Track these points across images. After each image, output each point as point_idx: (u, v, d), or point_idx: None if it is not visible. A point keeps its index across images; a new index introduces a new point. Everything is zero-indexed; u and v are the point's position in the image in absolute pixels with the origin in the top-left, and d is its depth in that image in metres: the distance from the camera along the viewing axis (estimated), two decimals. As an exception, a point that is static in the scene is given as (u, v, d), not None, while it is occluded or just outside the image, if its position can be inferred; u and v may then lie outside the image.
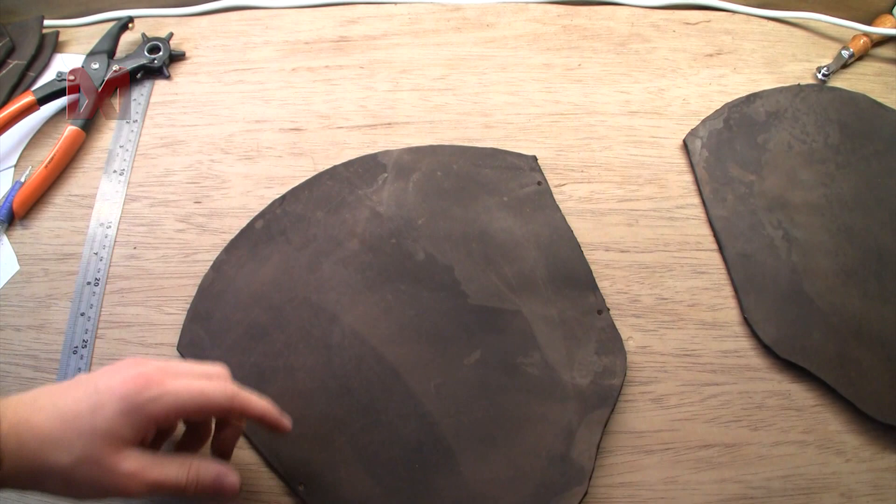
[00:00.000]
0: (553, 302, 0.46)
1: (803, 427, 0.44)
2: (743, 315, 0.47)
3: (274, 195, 0.50)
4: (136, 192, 0.51)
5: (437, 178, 0.50)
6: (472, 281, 0.46)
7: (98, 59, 0.55)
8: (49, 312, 0.47)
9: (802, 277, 0.48)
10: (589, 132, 0.54)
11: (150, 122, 0.55)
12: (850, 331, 0.46)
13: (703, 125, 0.54)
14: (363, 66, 0.58)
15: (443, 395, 0.43)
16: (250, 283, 0.46)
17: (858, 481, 0.42)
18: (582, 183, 0.52)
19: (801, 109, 0.55)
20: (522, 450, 0.41)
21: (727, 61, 0.59)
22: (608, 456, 0.43)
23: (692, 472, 0.42)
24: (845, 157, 0.53)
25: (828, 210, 0.51)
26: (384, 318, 0.45)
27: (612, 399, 0.42)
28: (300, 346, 0.44)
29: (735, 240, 0.49)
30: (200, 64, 0.58)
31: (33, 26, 0.58)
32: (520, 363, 0.44)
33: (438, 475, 0.41)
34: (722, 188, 0.51)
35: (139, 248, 0.49)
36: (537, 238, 0.48)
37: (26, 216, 0.50)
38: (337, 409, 0.42)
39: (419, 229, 0.48)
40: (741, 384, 0.45)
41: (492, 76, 0.57)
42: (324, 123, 0.54)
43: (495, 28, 0.60)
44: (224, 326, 0.45)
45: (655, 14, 0.62)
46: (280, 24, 0.60)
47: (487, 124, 0.54)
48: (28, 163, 0.53)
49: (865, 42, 0.59)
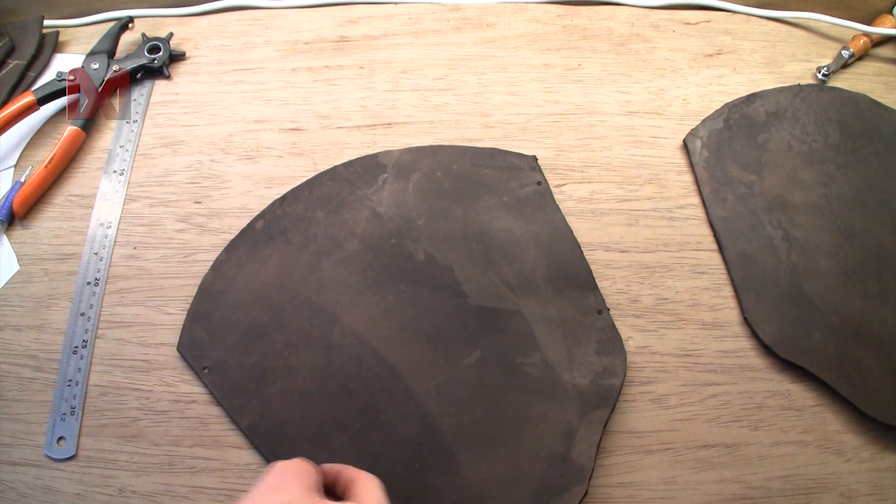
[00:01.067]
0: (553, 302, 0.46)
1: (803, 427, 0.44)
2: (743, 315, 0.47)
3: (274, 195, 0.50)
4: (136, 192, 0.51)
5: (437, 178, 0.50)
6: (472, 281, 0.46)
7: (98, 59, 0.55)
8: (49, 312, 0.47)
9: (802, 277, 0.48)
10: (589, 132, 0.54)
11: (150, 122, 0.55)
12: (850, 331, 0.46)
13: (703, 125, 0.54)
14: (363, 66, 0.58)
15: (443, 395, 0.43)
16: (250, 283, 0.46)
17: (858, 481, 0.42)
18: (582, 183, 0.52)
19: (801, 109, 0.55)
20: (522, 450, 0.41)
21: (727, 61, 0.59)
22: (608, 456, 0.43)
23: (692, 472, 0.42)
24: (845, 157, 0.53)
25: (828, 210, 0.51)
26: (384, 319, 0.45)
27: (612, 399, 0.42)
28: (300, 346, 0.44)
29: (735, 240, 0.49)
30: (200, 64, 0.58)
31: (33, 26, 0.58)
32: (520, 363, 0.44)
33: (438, 475, 0.41)
34: (722, 188, 0.51)
35: (139, 248, 0.49)
36: (537, 238, 0.48)
37: (26, 216, 0.50)
38: (337, 409, 0.42)
39: (419, 229, 0.48)
40: (741, 384, 0.45)
41: (492, 76, 0.57)
42: (324, 123, 0.54)
43: (495, 28, 0.60)
44: (224, 326, 0.45)
45: (655, 14, 0.62)
46: (280, 24, 0.60)
47: (487, 124, 0.54)
48: (28, 163, 0.53)
49: (865, 42, 0.59)
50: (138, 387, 0.44)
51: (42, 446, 0.43)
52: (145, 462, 0.42)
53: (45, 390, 0.44)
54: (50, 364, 0.45)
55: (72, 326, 0.46)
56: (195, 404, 0.44)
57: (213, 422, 0.43)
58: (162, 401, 0.44)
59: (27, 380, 0.45)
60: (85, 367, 0.45)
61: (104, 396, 0.44)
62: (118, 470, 0.42)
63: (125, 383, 0.45)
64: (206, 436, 0.43)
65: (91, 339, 0.46)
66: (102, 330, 0.46)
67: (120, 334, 0.46)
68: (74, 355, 0.45)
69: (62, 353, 0.45)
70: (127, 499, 0.41)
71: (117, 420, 0.43)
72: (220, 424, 0.43)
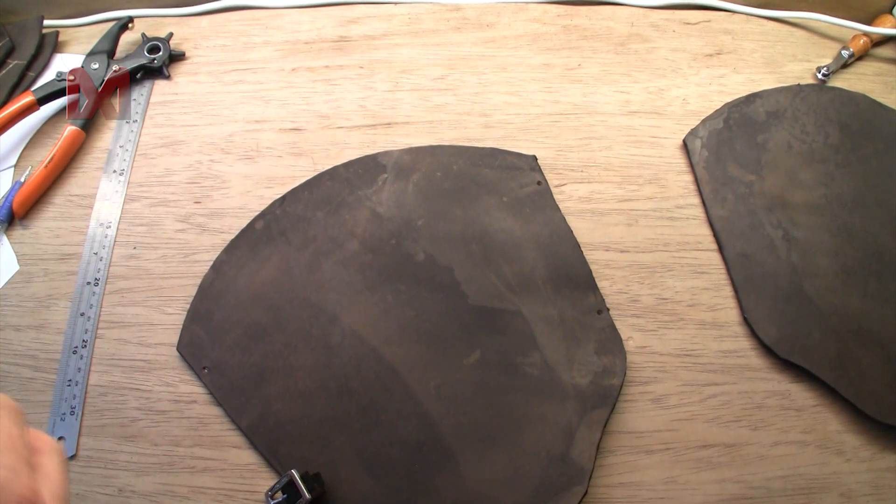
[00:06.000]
0: (553, 302, 0.46)
1: (803, 427, 0.44)
2: (743, 315, 0.47)
3: (274, 195, 0.50)
4: (135, 192, 0.51)
5: (437, 178, 0.50)
6: (472, 281, 0.46)
7: (98, 59, 0.55)
8: (49, 312, 0.47)
9: (802, 277, 0.48)
10: (589, 132, 0.54)
11: (150, 122, 0.55)
12: (850, 331, 0.46)
13: (702, 125, 0.54)
14: (363, 66, 0.58)
15: (442, 395, 0.43)
16: (250, 283, 0.46)
17: (858, 481, 0.42)
18: (582, 183, 0.52)
19: (801, 109, 0.55)
20: (522, 450, 0.41)
21: (727, 61, 0.59)
22: (608, 456, 0.43)
23: (692, 472, 0.42)
24: (845, 157, 0.53)
25: (828, 210, 0.51)
26: (384, 319, 0.45)
27: (611, 399, 0.42)
28: (300, 346, 0.44)
29: (735, 240, 0.49)
30: (200, 64, 0.58)
31: (33, 26, 0.58)
32: (519, 363, 0.44)
33: (438, 475, 0.41)
34: (722, 188, 0.51)
35: (139, 248, 0.49)
36: (537, 238, 0.48)
37: (26, 216, 0.50)
38: (337, 409, 0.42)
39: (419, 230, 0.48)
40: (741, 384, 0.45)
41: (491, 76, 0.57)
42: (324, 123, 0.54)
43: (495, 28, 0.60)
44: (224, 326, 0.45)
45: (655, 14, 0.61)
46: (280, 24, 0.60)
47: (487, 124, 0.54)
48: (28, 163, 0.53)
49: (865, 42, 0.59)
50: (138, 387, 0.44)
51: (42, 446, 0.42)
52: (145, 462, 0.42)
53: (44, 390, 0.44)
54: (50, 364, 0.45)
55: (72, 326, 0.46)
56: (195, 404, 0.44)
57: (212, 422, 0.43)
58: (162, 401, 0.44)
59: (27, 380, 0.45)
60: (85, 367, 0.45)
61: (104, 396, 0.44)
62: (118, 470, 0.42)
63: (125, 383, 0.45)
64: (206, 436, 0.43)
65: (91, 339, 0.46)
66: (102, 330, 0.46)
67: (120, 334, 0.46)
68: (74, 355, 0.45)
69: (62, 353, 0.45)
70: (127, 499, 0.41)
71: (117, 420, 0.43)
72: (219, 424, 0.43)
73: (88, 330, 0.46)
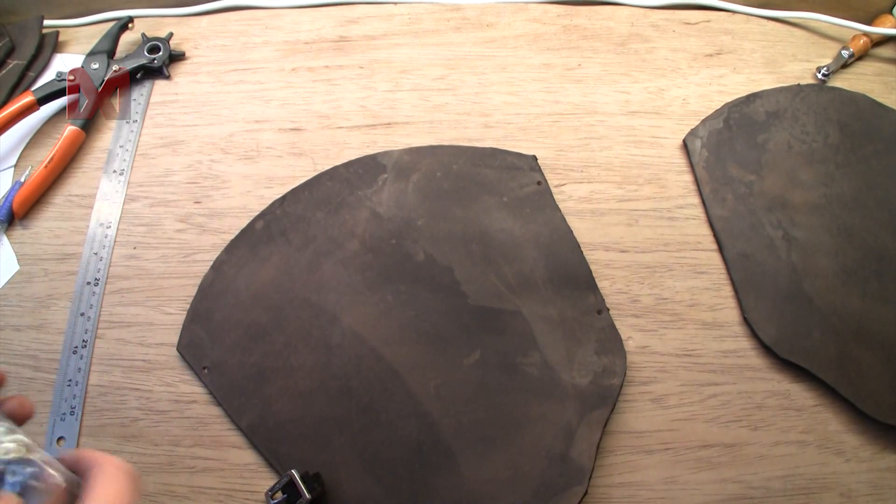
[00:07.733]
0: (553, 302, 0.46)
1: (803, 427, 0.44)
2: (743, 315, 0.47)
3: (274, 195, 0.50)
4: (135, 192, 0.51)
5: (437, 178, 0.50)
6: (472, 281, 0.46)
7: (98, 59, 0.55)
8: (49, 312, 0.47)
9: (802, 277, 0.48)
10: (589, 132, 0.54)
11: (150, 122, 0.55)
12: (850, 331, 0.46)
13: (702, 125, 0.54)
14: (363, 66, 0.58)
15: (442, 395, 0.43)
16: (250, 283, 0.46)
17: (858, 481, 0.42)
18: (582, 183, 0.52)
19: (801, 109, 0.55)
20: (522, 450, 0.41)
21: (727, 61, 0.59)
22: (608, 456, 0.43)
23: (692, 472, 0.42)
24: (845, 157, 0.53)
25: (828, 210, 0.51)
26: (384, 319, 0.45)
27: (611, 399, 0.42)
28: (300, 346, 0.44)
29: (735, 240, 0.49)
30: (200, 64, 0.58)
31: (33, 26, 0.58)
32: (519, 363, 0.44)
33: (438, 475, 0.41)
34: (722, 188, 0.51)
35: (139, 248, 0.49)
36: (537, 238, 0.48)
37: (26, 216, 0.50)
38: (337, 409, 0.42)
39: (419, 230, 0.48)
40: (741, 384, 0.45)
41: (491, 76, 0.57)
42: (324, 123, 0.54)
43: (495, 28, 0.60)
44: (224, 326, 0.45)
45: (655, 14, 0.61)
46: (280, 24, 0.60)
47: (487, 124, 0.54)
48: (28, 163, 0.53)
49: (865, 42, 0.59)
50: (138, 387, 0.44)
51: (42, 446, 0.42)
52: (145, 462, 0.42)
53: (44, 390, 0.44)
54: (50, 364, 0.45)
55: (72, 326, 0.46)
56: (195, 404, 0.44)
57: (212, 422, 0.43)
58: (162, 401, 0.44)
59: (27, 380, 0.45)
60: (85, 367, 0.45)
61: (104, 396, 0.44)
62: (118, 470, 0.42)
63: (125, 383, 0.45)
64: (206, 436, 0.43)
65: (91, 339, 0.46)
66: (102, 330, 0.46)
67: (120, 334, 0.46)
68: (74, 355, 0.45)
69: (62, 353, 0.45)
70: (127, 499, 0.41)
71: (117, 420, 0.43)
72: (219, 424, 0.43)
73: (88, 330, 0.46)
